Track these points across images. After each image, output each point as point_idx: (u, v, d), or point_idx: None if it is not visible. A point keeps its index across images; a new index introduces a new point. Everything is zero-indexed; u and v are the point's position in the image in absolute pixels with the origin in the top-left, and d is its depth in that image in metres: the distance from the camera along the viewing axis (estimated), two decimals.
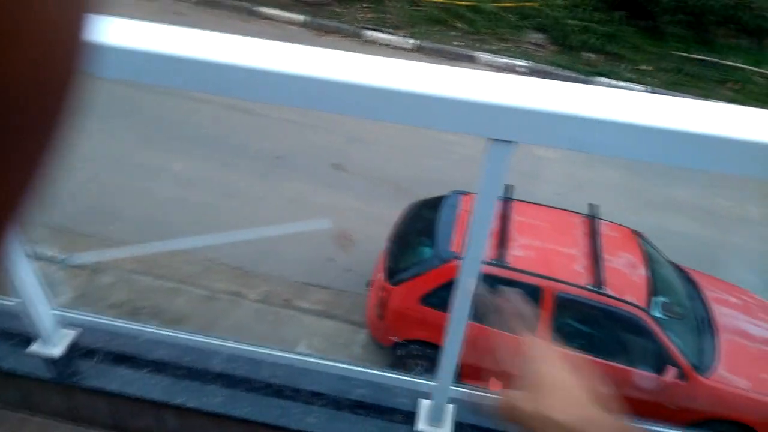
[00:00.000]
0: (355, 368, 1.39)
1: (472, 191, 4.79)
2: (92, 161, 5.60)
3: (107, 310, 4.56)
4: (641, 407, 4.01)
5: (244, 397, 1.31)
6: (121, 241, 5.02)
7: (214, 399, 1.30)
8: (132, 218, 5.22)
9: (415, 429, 1.29)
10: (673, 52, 8.80)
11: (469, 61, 8.42)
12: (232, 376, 1.35)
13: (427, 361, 4.31)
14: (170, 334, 1.42)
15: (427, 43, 8.52)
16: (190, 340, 1.42)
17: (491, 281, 4.10)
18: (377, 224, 5.16)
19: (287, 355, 1.38)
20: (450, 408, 1.30)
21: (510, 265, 4.08)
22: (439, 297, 4.19)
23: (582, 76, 8.34)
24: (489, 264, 4.08)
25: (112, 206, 5.31)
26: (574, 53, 8.74)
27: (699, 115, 0.80)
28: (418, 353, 4.30)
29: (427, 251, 4.38)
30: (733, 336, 4.21)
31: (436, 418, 1.28)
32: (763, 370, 4.08)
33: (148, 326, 1.41)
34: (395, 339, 4.28)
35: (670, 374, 3.86)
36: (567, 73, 8.39)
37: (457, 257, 4.16)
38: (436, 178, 5.91)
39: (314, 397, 1.33)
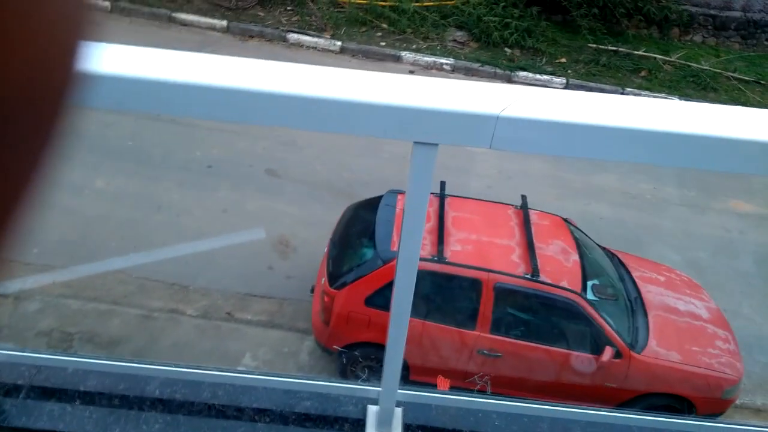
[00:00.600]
0: (301, 380, 1.36)
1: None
2: None
3: (35, 338, 4.30)
4: (582, 390, 4.18)
5: (185, 422, 1.26)
6: (45, 265, 4.73)
7: (152, 427, 1.24)
8: (55, 240, 4.94)
9: None
10: (588, 44, 9.19)
11: (396, 60, 8.49)
12: (170, 400, 1.30)
13: (377, 362, 4.31)
14: (100, 362, 1.35)
15: (352, 45, 8.52)
16: (123, 366, 1.35)
17: (432, 277, 4.15)
18: (315, 228, 5.12)
19: (228, 374, 1.34)
20: (398, 411, 1.30)
21: (449, 260, 4.14)
22: (385, 297, 4.20)
23: (504, 71, 8.58)
24: (428, 260, 4.13)
25: (32, 228, 5.00)
26: (495, 49, 8.99)
27: (609, 109, 0.83)
28: (366, 356, 4.30)
29: (368, 252, 4.38)
30: (661, 312, 4.45)
31: (384, 423, 1.28)
32: (691, 342, 4.34)
33: (75, 356, 1.33)
34: (337, 348, 4.26)
35: (607, 354, 4.04)
36: (490, 68, 8.61)
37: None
38: (371, 179, 5.92)
39: (259, 414, 1.29)
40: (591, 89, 8.52)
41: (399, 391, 1.30)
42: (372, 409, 1.31)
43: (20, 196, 0.19)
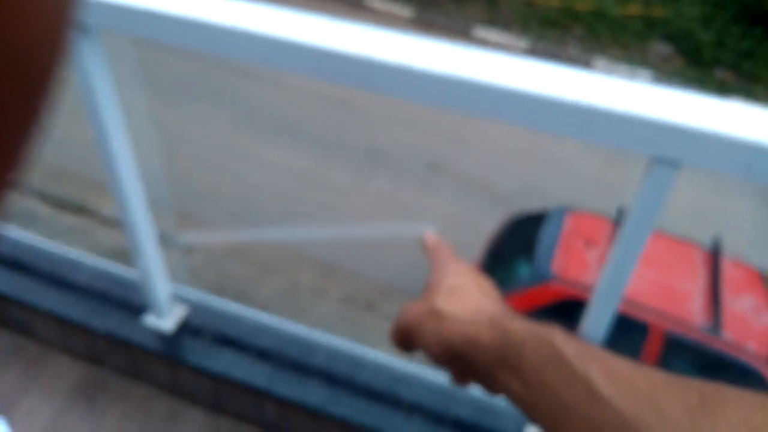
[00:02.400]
0: None
1: (581, 209, 4.64)
2: (190, 142, 5.95)
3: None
4: None
5: (345, 398, 1.34)
6: (213, 223, 5.29)
7: (314, 395, 1.34)
8: (226, 202, 5.49)
9: None
10: None
11: (585, 66, 8.16)
12: (333, 373, 1.38)
13: None
14: (275, 323, 1.48)
15: (540, 46, 8.35)
16: (294, 331, 1.47)
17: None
18: (468, 232, 5.12)
19: (388, 359, 1.39)
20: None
21: None
22: (534, 318, 4.09)
23: (712, 95, 7.84)
24: (590, 289, 3.94)
25: (207, 188, 5.62)
26: (705, 69, 8.25)
27: None
28: None
29: (524, 269, 4.29)
30: None
31: None
32: None
33: (255, 312, 1.47)
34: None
35: None
36: (695, 89, 7.92)
37: (556, 278, 4.04)
38: (538, 190, 5.78)
39: (414, 408, 1.33)
40: None
41: None
42: (531, 430, 1.29)
43: (17, 140, 0.19)
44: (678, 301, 3.96)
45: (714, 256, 4.21)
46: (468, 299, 0.52)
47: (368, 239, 5.14)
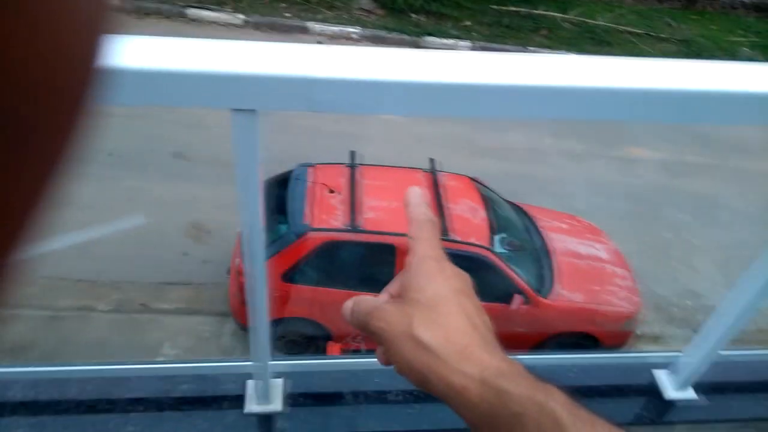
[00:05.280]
0: (176, 365, 1.32)
1: (320, 162, 4.78)
2: None
3: None
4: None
5: (51, 421, 1.19)
6: None
7: (15, 431, 1.17)
8: None
9: (244, 412, 1.26)
10: (490, 6, 9.32)
11: (303, 32, 8.29)
12: (35, 402, 1.22)
13: (302, 336, 4.30)
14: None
15: (256, 18, 8.23)
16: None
17: (348, 246, 4.15)
18: (230, 210, 4.96)
19: (96, 367, 1.27)
20: (278, 383, 1.29)
21: (363, 228, 4.15)
22: (302, 272, 4.17)
23: (411, 37, 8.58)
24: (344, 230, 4.13)
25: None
26: (402, 16, 8.95)
27: (421, 65, 0.82)
28: (289, 331, 4.28)
29: (282, 228, 4.31)
30: (565, 258, 4.67)
31: (263, 396, 1.26)
32: (592, 283, 4.59)
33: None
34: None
35: (516, 302, 4.21)
36: (398, 35, 8.58)
37: (312, 229, 4.15)
38: (285, 155, 5.81)
39: (133, 404, 1.24)
40: (495, 50, 8.67)
41: (278, 362, 1.28)
42: (250, 384, 1.29)
43: (34, 199, 0.17)
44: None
45: (433, 175, 4.68)
46: (451, 328, 0.46)
47: (91, 241, 4.65)
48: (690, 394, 1.23)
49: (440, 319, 0.46)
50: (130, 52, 0.81)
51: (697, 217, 6.02)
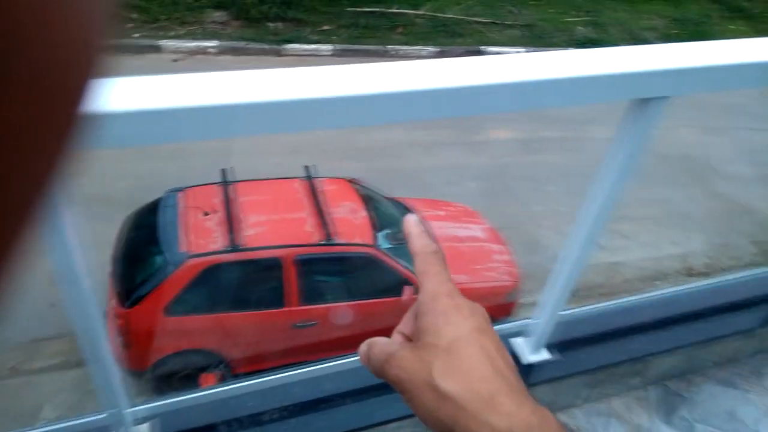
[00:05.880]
0: (30, 430, 1.21)
1: (190, 185, 4.59)
2: None
3: None
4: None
5: None
6: None
7: None
8: None
9: None
10: (345, 9, 9.45)
11: (155, 51, 7.91)
12: None
13: (197, 369, 4.12)
14: None
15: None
16: None
17: (231, 268, 4.03)
18: (100, 250, 4.64)
19: None
20: (144, 428, 1.22)
21: (244, 247, 4.04)
22: (185, 301, 3.99)
23: (272, 46, 8.49)
24: (226, 252, 4.00)
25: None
26: (259, 25, 8.82)
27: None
28: (181, 366, 4.07)
29: (157, 260, 4.09)
30: (447, 243, 4.86)
31: None
32: (474, 263, 4.83)
33: None
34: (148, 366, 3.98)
35: (407, 292, 4.31)
36: (257, 45, 8.45)
37: (190, 256, 3.98)
38: (153, 182, 5.51)
39: None
40: (356, 52, 8.82)
41: (142, 407, 1.22)
42: None
43: (21, 218, 0.17)
44: (296, 229, 4.32)
45: (310, 182, 4.67)
46: (475, 376, 0.42)
47: None
48: (544, 355, 1.33)
49: (462, 366, 0.43)
50: None
51: (560, 186, 6.53)
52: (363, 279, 4.39)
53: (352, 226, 4.46)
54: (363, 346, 0.50)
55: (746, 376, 1.64)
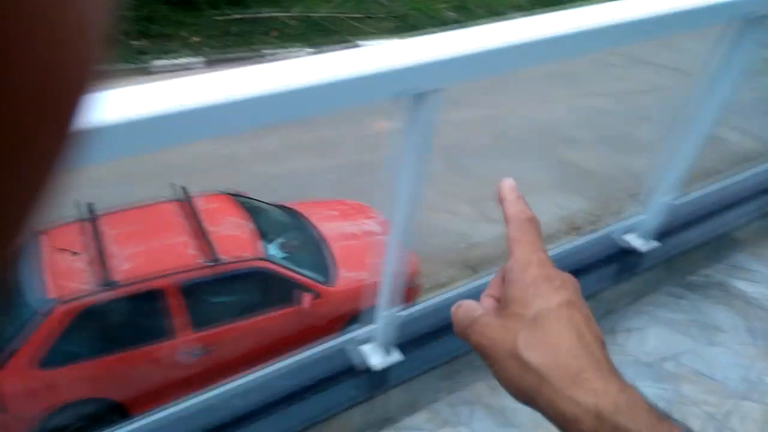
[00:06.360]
0: None
1: (51, 225, 4.18)
2: None
3: None
4: (299, 338, 4.30)
5: None
6: None
7: None
8: None
9: None
10: (214, 18, 9.09)
11: None
12: None
13: (90, 420, 3.77)
14: None
15: None
16: None
17: (109, 307, 3.72)
18: None
19: None
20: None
21: (120, 283, 3.73)
22: (60, 351, 3.63)
23: (138, 65, 8.00)
24: (99, 291, 3.67)
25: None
26: (122, 45, 8.28)
27: None
28: (69, 421, 3.70)
29: (23, 312, 3.69)
30: (343, 242, 4.78)
31: None
32: (371, 256, 4.77)
33: None
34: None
35: (306, 300, 4.19)
36: (125, 66, 7.92)
37: (59, 302, 3.62)
38: None
39: None
40: (230, 60, 8.50)
41: None
42: None
43: (34, 193, 0.17)
44: (177, 254, 4.05)
45: (186, 202, 4.40)
46: (562, 350, 0.41)
47: None
48: (394, 357, 1.26)
49: (548, 339, 0.42)
50: None
51: (446, 168, 6.64)
52: (257, 294, 4.20)
53: (238, 241, 4.25)
54: (453, 307, 0.48)
55: None
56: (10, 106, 0.14)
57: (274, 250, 4.42)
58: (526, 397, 0.42)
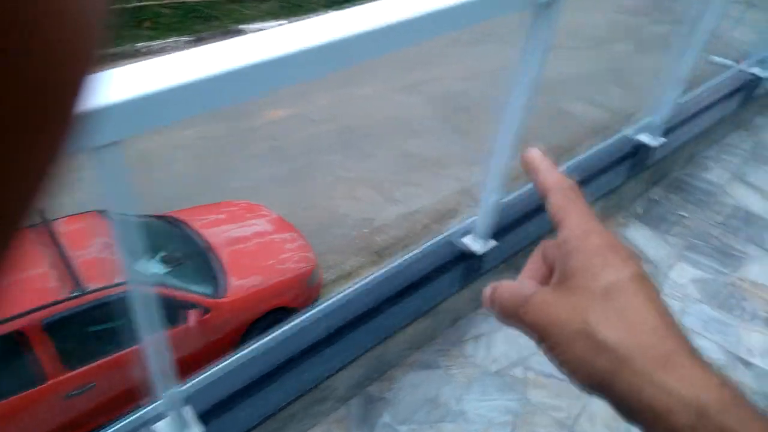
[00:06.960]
0: None
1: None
2: None
3: None
4: (194, 358, 4.01)
5: None
6: None
7: None
8: None
9: None
10: None
11: None
12: None
13: None
14: None
15: None
16: None
17: None
18: None
19: None
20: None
21: None
22: None
23: None
24: None
25: None
26: None
27: None
28: None
29: None
30: (231, 247, 4.48)
31: None
32: (265, 259, 4.52)
33: None
34: None
35: (193, 317, 3.90)
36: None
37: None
38: None
39: None
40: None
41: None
42: None
43: (37, 183, 0.17)
44: (36, 288, 3.63)
45: (47, 226, 3.95)
46: (645, 327, 0.34)
47: None
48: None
49: (627, 314, 0.35)
50: None
51: (346, 155, 6.44)
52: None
53: (109, 264, 3.86)
54: (487, 290, 0.41)
55: (447, 349, 1.52)
56: (15, 90, 0.14)
57: (155, 265, 4.07)
58: (600, 383, 0.35)
